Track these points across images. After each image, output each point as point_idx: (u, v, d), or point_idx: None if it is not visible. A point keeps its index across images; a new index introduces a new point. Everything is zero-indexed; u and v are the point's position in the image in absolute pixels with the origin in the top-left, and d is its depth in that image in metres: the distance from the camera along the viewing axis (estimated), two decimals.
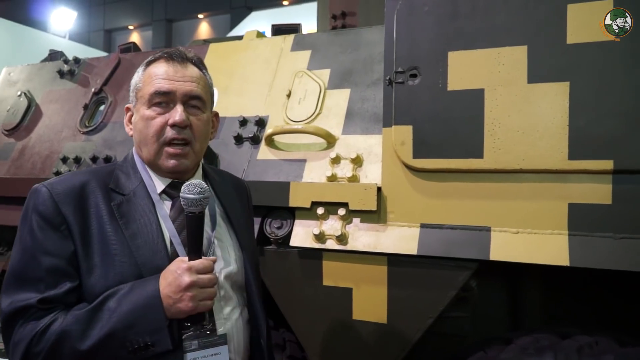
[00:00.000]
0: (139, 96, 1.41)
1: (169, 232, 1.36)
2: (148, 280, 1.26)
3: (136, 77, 1.45)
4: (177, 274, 1.23)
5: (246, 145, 2.39)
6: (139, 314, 1.20)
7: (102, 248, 1.28)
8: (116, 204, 1.33)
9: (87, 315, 1.20)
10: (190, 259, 1.27)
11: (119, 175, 1.41)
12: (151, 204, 1.38)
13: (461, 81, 1.84)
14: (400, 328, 1.95)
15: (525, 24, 1.76)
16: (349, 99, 2.30)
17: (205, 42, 3.11)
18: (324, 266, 2.06)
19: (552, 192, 1.73)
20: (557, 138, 1.70)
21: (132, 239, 1.30)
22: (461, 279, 1.84)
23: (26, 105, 3.23)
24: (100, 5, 24.66)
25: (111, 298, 1.22)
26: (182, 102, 1.39)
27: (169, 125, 1.36)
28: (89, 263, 1.27)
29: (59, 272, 1.24)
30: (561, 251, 1.68)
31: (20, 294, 1.22)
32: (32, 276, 1.24)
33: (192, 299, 1.23)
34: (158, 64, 1.41)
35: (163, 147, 1.38)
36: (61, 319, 1.20)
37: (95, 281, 1.26)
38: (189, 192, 1.28)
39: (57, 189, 1.29)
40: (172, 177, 1.44)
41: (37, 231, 1.26)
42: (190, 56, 1.46)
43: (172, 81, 1.38)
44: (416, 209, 1.91)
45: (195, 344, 1.29)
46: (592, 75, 1.68)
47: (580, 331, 1.75)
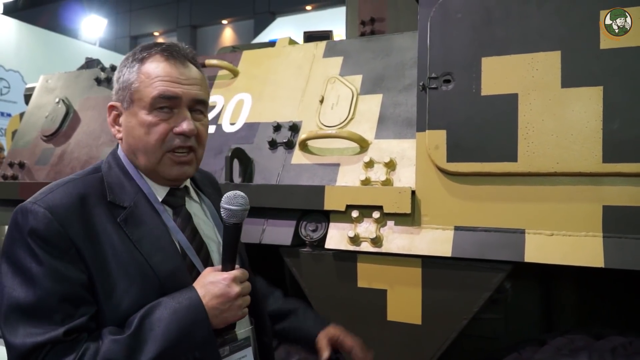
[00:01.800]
0: (135, 98, 1.27)
1: (182, 244, 1.29)
2: (182, 294, 1.19)
3: (128, 75, 1.29)
4: (224, 285, 1.20)
5: (280, 150, 2.44)
6: (186, 330, 1.14)
7: (119, 269, 1.18)
8: (122, 220, 1.22)
9: (130, 339, 1.10)
10: (226, 268, 1.24)
11: (112, 184, 1.27)
12: (156, 214, 1.28)
13: (495, 86, 1.87)
14: (435, 329, 1.97)
15: (558, 29, 1.79)
16: (381, 104, 2.34)
17: (234, 49, 3.18)
18: (359, 268, 2.10)
19: (586, 195, 1.75)
20: (591, 141, 1.72)
21: (149, 257, 1.21)
22: (495, 281, 1.86)
23: (64, 112, 3.32)
24: (126, 12, 25.09)
25: (150, 317, 1.14)
26: (187, 107, 1.29)
27: (175, 134, 1.27)
28: (105, 287, 1.16)
29: (76, 299, 1.13)
30: (596, 253, 1.69)
31: (36, 328, 1.08)
32: (45, 307, 1.09)
33: (239, 307, 1.23)
34: (156, 62, 1.28)
35: (166, 154, 1.28)
36: (93, 348, 1.09)
37: (117, 304, 1.17)
38: (235, 204, 1.23)
39: (56, 209, 1.15)
40: (171, 184, 1.35)
41: (43, 257, 1.11)
42: (188, 53, 1.34)
43: (178, 84, 1.26)
44: (450, 211, 1.94)
45: (227, 349, 1.29)
46: (626, 80, 1.69)
47: (614, 332, 1.77)
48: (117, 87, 1.32)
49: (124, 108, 1.30)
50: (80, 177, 1.28)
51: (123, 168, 1.31)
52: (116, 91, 1.32)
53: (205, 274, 1.25)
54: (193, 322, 1.15)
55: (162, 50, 1.29)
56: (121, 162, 1.32)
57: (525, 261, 1.78)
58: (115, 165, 1.32)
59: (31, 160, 3.28)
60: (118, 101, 1.32)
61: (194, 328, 1.15)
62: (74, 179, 1.26)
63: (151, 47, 1.30)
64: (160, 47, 1.30)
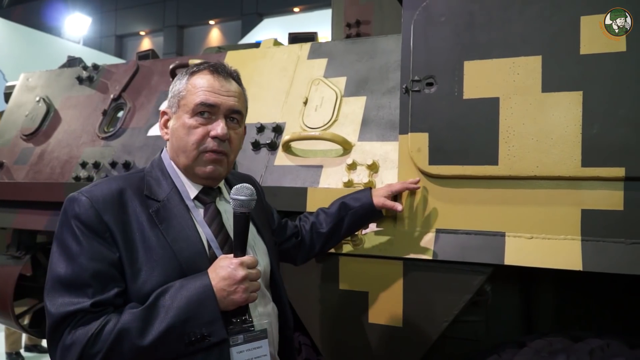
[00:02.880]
0: (181, 104, 1.48)
1: (207, 236, 1.44)
2: (196, 277, 1.33)
3: (179, 85, 1.50)
4: (231, 268, 1.31)
5: (263, 151, 2.44)
6: (195, 307, 1.27)
7: (146, 253, 1.34)
8: (154, 211, 1.40)
9: (144, 312, 1.25)
10: (236, 255, 1.35)
11: (150, 181, 1.47)
12: (186, 209, 1.45)
13: (477, 90, 1.88)
14: (416, 332, 1.98)
15: (539, 34, 1.81)
16: (364, 107, 2.34)
17: (219, 49, 3.17)
18: (341, 270, 2.10)
19: (566, 199, 1.76)
20: (571, 146, 1.74)
21: (174, 244, 1.37)
22: (476, 284, 1.87)
23: (45, 111, 3.29)
24: (112, 11, 24.87)
25: (164, 295, 1.28)
26: (224, 115, 1.47)
27: (211, 137, 1.44)
28: (133, 268, 1.32)
29: (106, 277, 1.29)
30: (574, 256, 1.71)
31: (70, 299, 1.26)
32: (80, 281, 1.27)
33: (245, 290, 1.32)
34: (203, 75, 1.48)
35: (202, 154, 1.45)
36: (114, 319, 1.25)
37: (142, 284, 1.32)
38: (241, 194, 1.35)
39: (97, 198, 1.34)
40: (205, 183, 1.52)
41: (82, 238, 1.30)
42: (232, 71, 1.54)
43: (218, 95, 1.45)
44: (432, 214, 1.95)
45: (241, 338, 1.36)
46: (605, 85, 1.71)
47: (592, 334, 1.78)
48: (170, 96, 1.53)
49: (172, 113, 1.51)
50: (125, 175, 1.50)
51: (162, 168, 1.51)
52: (169, 99, 1.54)
53: (218, 260, 1.37)
54: (201, 301, 1.28)
55: (209, 66, 1.50)
56: (162, 163, 1.53)
57: (505, 264, 1.79)
58: (157, 165, 1.52)
59: (10, 159, 3.24)
60: (168, 107, 1.53)
61: (202, 307, 1.28)
62: (119, 176, 1.48)
63: (202, 64, 1.52)
64: (209, 64, 1.51)
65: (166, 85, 2.97)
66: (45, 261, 3.34)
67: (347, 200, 1.96)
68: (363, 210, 1.94)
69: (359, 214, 1.94)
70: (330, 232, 1.94)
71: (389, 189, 1.95)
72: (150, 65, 3.17)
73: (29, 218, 2.92)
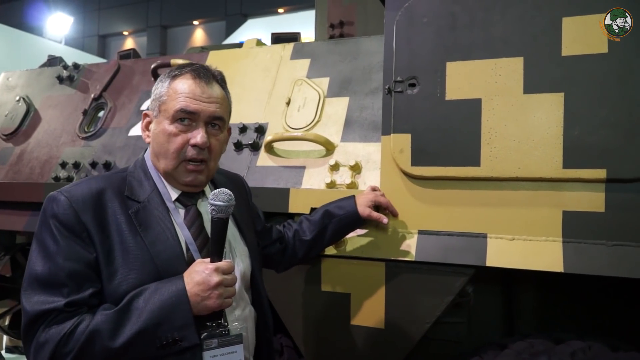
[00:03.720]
0: (162, 109, 1.46)
1: (186, 239, 1.43)
2: (171, 280, 1.32)
3: (160, 89, 1.48)
4: (206, 274, 1.30)
5: (246, 151, 2.42)
6: (168, 311, 1.27)
7: (123, 254, 1.34)
8: (133, 212, 1.39)
9: (117, 314, 1.25)
10: (213, 260, 1.33)
11: (132, 182, 1.46)
12: (166, 211, 1.44)
13: (459, 91, 1.88)
14: (398, 333, 1.98)
15: (521, 36, 1.81)
16: (347, 107, 2.33)
17: (202, 49, 3.15)
18: (323, 272, 2.09)
19: (547, 200, 1.77)
20: (552, 147, 1.74)
21: (152, 246, 1.36)
22: (458, 285, 1.87)
23: (25, 110, 3.24)
24: (94, 10, 24.64)
25: (138, 298, 1.28)
26: (204, 122, 1.45)
27: (190, 145, 1.43)
28: (110, 269, 1.32)
29: (82, 276, 1.30)
30: (555, 257, 1.72)
31: (46, 297, 1.27)
32: (56, 281, 1.28)
33: (219, 296, 1.31)
34: (184, 80, 1.45)
35: (182, 163, 1.44)
36: (88, 320, 1.25)
37: (117, 285, 1.32)
38: (219, 199, 1.34)
39: (76, 197, 1.34)
40: (185, 190, 1.50)
41: (59, 238, 1.30)
42: (216, 74, 1.52)
43: (198, 102, 1.43)
44: (414, 215, 1.94)
45: (215, 342, 1.36)
46: (586, 87, 1.72)
47: (573, 336, 1.79)
48: (152, 99, 1.51)
49: (153, 116, 1.49)
50: (106, 175, 1.49)
51: (145, 169, 1.50)
52: (150, 102, 1.52)
53: (194, 264, 1.35)
54: (174, 305, 1.27)
55: (192, 70, 1.47)
56: (145, 164, 1.52)
57: (487, 265, 1.79)
58: (139, 167, 1.51)
59: None
60: (150, 110, 1.51)
61: (175, 311, 1.27)
62: (101, 176, 1.47)
63: (184, 67, 1.49)
64: (191, 68, 1.48)
65: (148, 85, 2.94)
66: (24, 262, 3.28)
67: (331, 208, 1.94)
68: (347, 218, 1.92)
69: (343, 222, 1.92)
70: (314, 239, 1.92)
71: (374, 199, 1.93)
72: (131, 65, 3.13)
73: (8, 218, 2.87)
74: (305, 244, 1.92)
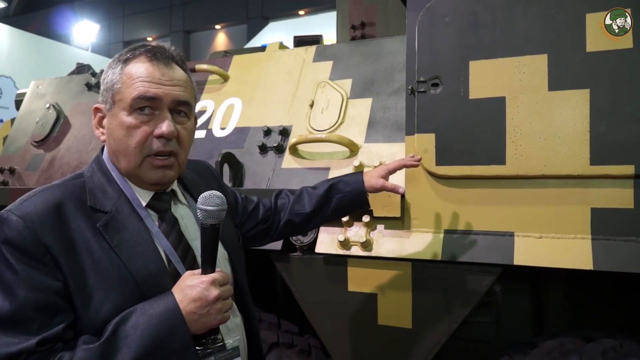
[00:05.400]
0: (116, 99, 1.25)
1: (165, 250, 1.25)
2: (160, 299, 1.15)
3: (112, 76, 1.27)
4: (202, 288, 1.15)
5: (270, 154, 2.44)
6: (163, 336, 1.10)
7: (97, 275, 1.14)
8: (102, 225, 1.19)
9: (102, 347, 1.07)
10: (205, 271, 1.18)
11: (93, 189, 1.25)
12: (138, 219, 1.25)
13: (483, 89, 1.87)
14: (425, 333, 1.98)
15: (544, 33, 1.80)
16: (370, 108, 2.34)
17: (225, 54, 3.19)
18: (349, 272, 2.10)
19: (575, 197, 1.75)
20: (579, 144, 1.73)
21: (129, 262, 1.18)
22: (485, 284, 1.86)
23: (55, 118, 3.32)
24: (119, 17, 25.02)
25: (124, 324, 1.10)
26: (169, 109, 1.26)
27: (155, 137, 1.24)
28: (83, 294, 1.13)
29: (51, 308, 1.10)
30: (584, 255, 1.70)
31: (10, 338, 1.05)
32: (21, 317, 1.07)
33: (219, 311, 1.17)
34: (139, 63, 1.25)
35: (146, 158, 1.25)
36: (67, 358, 1.07)
37: (95, 312, 1.13)
38: (210, 204, 1.17)
39: (30, 216, 1.12)
40: (154, 189, 1.32)
41: (17, 266, 1.09)
42: (174, 55, 1.32)
43: (159, 85, 1.23)
44: (440, 215, 1.94)
45: (212, 359, 1.23)
46: (612, 82, 1.70)
47: (604, 335, 1.77)
48: (102, 89, 1.30)
49: (107, 110, 1.28)
50: (60, 183, 1.25)
51: (106, 172, 1.29)
52: (101, 93, 1.30)
53: (184, 277, 1.19)
54: (169, 328, 1.11)
55: (146, 51, 1.27)
56: (104, 166, 1.30)
57: (515, 264, 1.78)
58: (98, 170, 1.29)
59: (21, 166, 3.27)
60: (102, 103, 1.30)
61: (171, 334, 1.11)
62: (54, 186, 1.23)
63: (136, 49, 1.28)
64: (145, 49, 1.28)
65: None
66: None
67: (337, 183, 1.78)
68: (351, 196, 1.76)
69: (346, 199, 1.76)
70: (312, 213, 1.75)
71: (385, 169, 1.79)
72: None
73: None
74: (302, 217, 1.75)
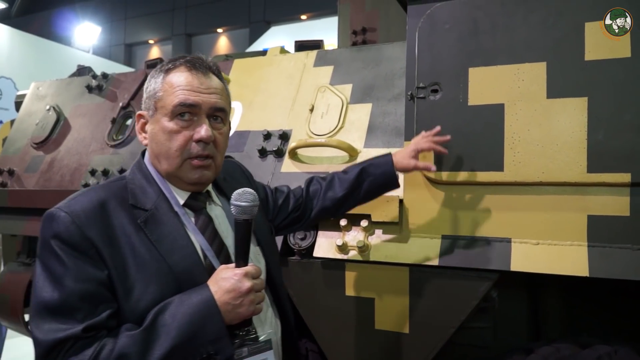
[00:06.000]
0: (158, 106, 1.34)
1: (201, 245, 1.34)
2: (196, 290, 1.23)
3: (154, 84, 1.37)
4: (235, 280, 1.22)
5: (270, 158, 2.45)
6: (199, 325, 1.18)
7: (138, 268, 1.23)
8: (142, 221, 1.28)
9: (143, 334, 1.16)
10: (238, 265, 1.26)
11: (135, 189, 1.34)
12: (176, 217, 1.33)
13: (482, 96, 1.89)
14: (422, 338, 1.98)
15: (544, 41, 1.81)
16: (370, 113, 2.35)
17: (227, 57, 3.19)
18: (347, 277, 2.10)
19: (572, 204, 1.76)
20: (576, 151, 1.74)
21: (168, 256, 1.26)
22: (482, 290, 1.87)
23: (55, 119, 3.32)
24: (121, 20, 25.08)
25: (163, 313, 1.19)
26: (207, 115, 1.35)
27: (194, 141, 1.33)
28: (125, 285, 1.21)
29: (96, 298, 1.18)
30: (581, 262, 1.71)
31: (59, 325, 1.14)
32: (68, 306, 1.16)
33: (251, 303, 1.24)
34: (179, 73, 1.35)
35: (187, 161, 1.34)
36: (110, 344, 1.14)
37: (136, 302, 1.21)
38: (243, 200, 1.25)
39: (77, 212, 1.21)
40: (192, 189, 1.41)
41: (65, 259, 1.18)
42: (211, 65, 1.41)
43: (198, 93, 1.33)
44: (437, 220, 1.95)
45: (245, 351, 1.29)
46: (610, 91, 1.72)
47: (599, 341, 1.78)
48: (145, 97, 1.39)
49: (149, 116, 1.38)
50: (104, 184, 1.36)
51: (146, 174, 1.38)
52: (144, 101, 1.40)
53: (219, 271, 1.27)
54: (205, 317, 1.19)
55: (185, 62, 1.36)
56: (145, 168, 1.39)
57: (512, 270, 1.79)
58: (138, 172, 1.39)
59: (21, 167, 3.27)
60: (145, 110, 1.40)
61: (206, 323, 1.19)
62: (99, 186, 1.34)
63: (176, 60, 1.38)
64: (185, 59, 1.37)
65: None
66: None
67: (367, 167, 1.85)
68: (383, 178, 1.85)
69: (378, 181, 1.85)
70: (345, 197, 1.84)
71: (414, 149, 1.85)
72: None
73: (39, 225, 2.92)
74: (335, 202, 1.84)
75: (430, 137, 1.89)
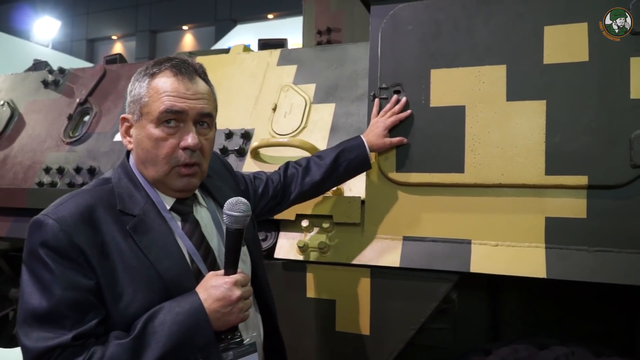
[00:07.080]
0: (144, 112, 1.33)
1: (189, 250, 1.34)
2: (185, 298, 1.24)
3: (139, 89, 1.35)
4: (225, 288, 1.23)
5: (232, 157, 2.41)
6: (188, 333, 1.19)
7: (127, 274, 1.23)
8: (131, 227, 1.27)
9: (133, 342, 1.16)
10: (228, 272, 1.27)
11: (122, 194, 1.33)
12: (164, 222, 1.33)
13: (443, 98, 1.89)
14: (383, 340, 1.98)
15: (504, 44, 1.83)
16: (333, 114, 2.34)
17: (190, 55, 3.14)
18: (308, 278, 2.09)
19: (530, 206, 1.78)
20: (535, 154, 1.76)
21: (157, 262, 1.26)
22: (442, 291, 1.88)
23: (9, 115, 3.20)
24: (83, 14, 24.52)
25: (152, 321, 1.19)
26: (193, 121, 1.33)
27: (181, 148, 1.32)
28: (114, 291, 1.22)
29: (85, 305, 1.18)
30: (538, 263, 1.73)
31: (48, 333, 1.15)
32: (57, 314, 1.16)
33: (240, 310, 1.26)
34: (165, 77, 1.33)
35: (174, 168, 1.33)
36: (99, 352, 1.15)
37: (125, 308, 1.22)
38: (236, 210, 1.26)
39: (65, 219, 1.21)
40: (178, 196, 1.40)
41: (53, 266, 1.17)
42: (197, 67, 1.39)
43: (184, 99, 1.31)
44: (399, 221, 1.95)
45: (231, 354, 1.31)
46: (568, 94, 1.74)
47: (557, 342, 1.80)
48: (129, 100, 1.37)
49: (134, 120, 1.36)
50: (90, 188, 1.34)
51: (133, 178, 1.37)
52: (128, 104, 1.38)
53: (208, 278, 1.28)
54: (194, 325, 1.20)
55: (171, 66, 1.34)
56: (131, 173, 1.38)
57: (471, 271, 1.80)
58: (124, 176, 1.38)
59: None
60: (129, 113, 1.37)
61: (196, 331, 1.20)
62: (85, 191, 1.32)
63: (162, 63, 1.36)
64: (171, 63, 1.35)
65: None
66: (6, 268, 3.25)
67: (342, 152, 1.90)
68: (358, 161, 1.91)
69: (352, 165, 1.91)
70: (322, 181, 1.88)
71: (383, 127, 1.92)
72: (117, 70, 3.12)
73: None
74: (313, 186, 1.87)
75: (390, 112, 1.95)
